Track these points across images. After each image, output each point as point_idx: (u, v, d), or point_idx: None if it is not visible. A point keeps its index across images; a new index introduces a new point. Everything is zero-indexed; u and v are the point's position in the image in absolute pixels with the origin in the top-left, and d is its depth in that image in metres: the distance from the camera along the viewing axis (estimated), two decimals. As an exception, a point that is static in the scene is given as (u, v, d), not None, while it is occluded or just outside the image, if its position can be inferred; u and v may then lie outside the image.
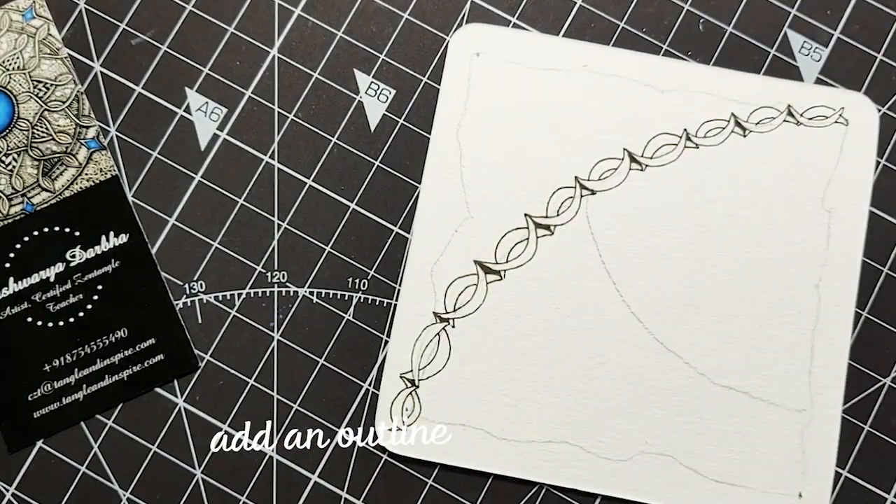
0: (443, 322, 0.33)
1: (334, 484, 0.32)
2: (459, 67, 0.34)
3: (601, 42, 0.35)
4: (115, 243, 0.33)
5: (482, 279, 0.33)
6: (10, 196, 0.33)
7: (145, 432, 0.33)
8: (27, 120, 0.34)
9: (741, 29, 0.35)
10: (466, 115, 0.34)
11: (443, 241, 0.33)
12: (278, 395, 0.33)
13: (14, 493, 0.32)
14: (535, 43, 0.35)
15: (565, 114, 0.34)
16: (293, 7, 0.35)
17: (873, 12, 0.35)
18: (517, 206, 0.34)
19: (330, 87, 0.35)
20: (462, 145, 0.34)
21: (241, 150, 0.34)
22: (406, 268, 0.33)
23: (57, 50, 0.34)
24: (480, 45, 0.34)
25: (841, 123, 0.34)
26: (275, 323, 0.33)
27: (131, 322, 0.33)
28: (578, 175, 0.34)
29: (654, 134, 0.34)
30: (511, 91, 0.34)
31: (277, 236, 0.34)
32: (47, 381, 0.33)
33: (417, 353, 0.33)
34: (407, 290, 0.33)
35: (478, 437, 0.32)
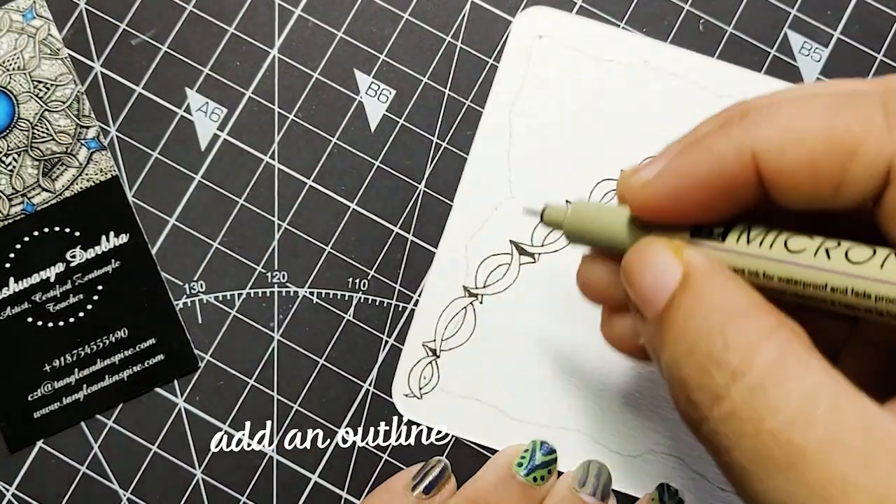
0: (471, 297, 0.33)
1: (334, 484, 0.32)
2: (521, 48, 0.34)
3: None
4: (115, 243, 0.33)
5: (515, 259, 0.33)
6: (11, 196, 0.33)
7: (145, 432, 0.33)
8: (27, 120, 0.34)
9: (741, 29, 0.35)
10: (521, 95, 0.34)
11: (481, 217, 0.34)
12: (278, 395, 0.33)
13: (14, 493, 0.32)
14: (599, 32, 0.35)
15: (619, 107, 0.34)
16: (293, 7, 0.35)
17: (873, 12, 0.35)
18: (559, 193, 0.34)
19: (330, 88, 0.35)
20: (513, 125, 0.34)
21: (241, 150, 0.34)
22: (442, 238, 0.33)
23: (57, 50, 0.34)
24: (544, 28, 0.34)
25: None
26: (275, 323, 0.33)
27: (131, 322, 0.33)
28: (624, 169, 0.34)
29: None
30: (568, 78, 0.34)
31: (277, 236, 0.34)
32: (47, 381, 0.33)
33: (443, 323, 0.33)
34: (440, 261, 0.33)
35: (491, 414, 0.33)
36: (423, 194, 0.34)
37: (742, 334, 0.21)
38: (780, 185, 0.21)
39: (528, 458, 0.30)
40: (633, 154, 0.34)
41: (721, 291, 0.22)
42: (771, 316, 0.21)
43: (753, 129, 0.21)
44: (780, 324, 0.21)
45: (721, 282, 0.22)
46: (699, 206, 0.23)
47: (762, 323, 0.21)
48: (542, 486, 0.30)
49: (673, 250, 0.23)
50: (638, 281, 0.24)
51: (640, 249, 0.24)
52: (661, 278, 0.23)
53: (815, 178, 0.21)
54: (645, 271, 0.24)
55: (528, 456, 0.31)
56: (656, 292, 0.23)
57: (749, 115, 0.22)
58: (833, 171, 0.20)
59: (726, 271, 0.23)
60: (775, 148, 0.21)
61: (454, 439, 0.33)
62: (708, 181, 0.22)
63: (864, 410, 0.19)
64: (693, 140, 0.23)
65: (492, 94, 0.34)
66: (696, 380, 0.21)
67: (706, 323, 0.22)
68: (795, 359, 0.20)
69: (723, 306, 0.22)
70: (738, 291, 0.22)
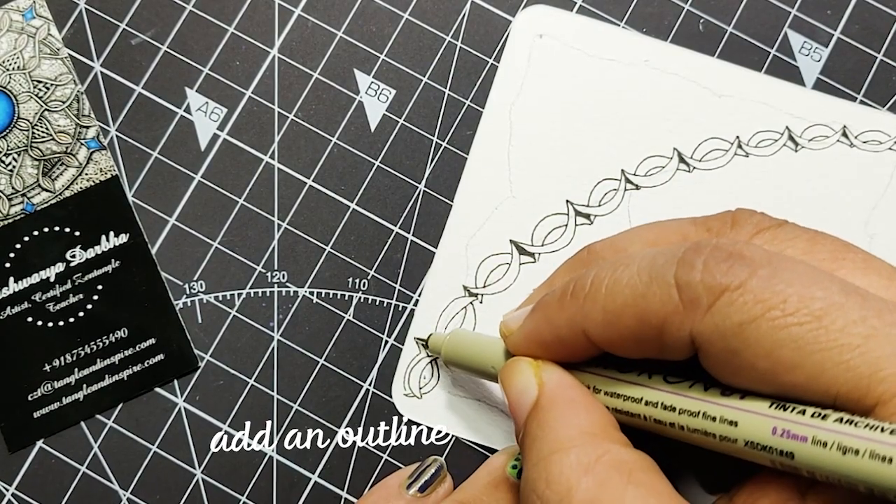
0: (471, 297, 0.33)
1: (334, 484, 0.32)
2: (521, 47, 0.34)
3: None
4: (115, 243, 0.33)
5: (516, 259, 0.33)
6: (10, 196, 0.33)
7: (145, 432, 0.33)
8: (27, 120, 0.34)
9: (741, 29, 0.35)
10: (521, 95, 0.34)
11: (482, 217, 0.34)
12: (278, 395, 0.33)
13: (14, 493, 0.32)
14: (600, 32, 0.35)
15: (620, 106, 0.34)
16: (293, 7, 0.35)
17: (873, 12, 0.35)
18: (559, 192, 0.34)
19: (330, 87, 0.35)
20: (513, 124, 0.34)
21: (241, 150, 0.34)
22: (442, 238, 0.33)
23: (57, 50, 0.34)
24: (544, 28, 0.34)
25: (895, 151, 0.34)
26: (275, 323, 0.33)
27: (131, 322, 0.33)
28: (625, 168, 0.34)
29: (706, 137, 0.34)
30: (569, 77, 0.34)
31: (277, 236, 0.34)
32: (47, 381, 0.33)
33: (443, 323, 0.33)
34: (440, 261, 0.33)
35: (491, 414, 0.33)
36: (423, 194, 0.34)
37: (563, 470, 0.23)
38: (612, 350, 0.25)
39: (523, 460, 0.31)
40: (635, 154, 0.34)
41: (558, 419, 0.25)
42: (595, 447, 0.23)
43: (581, 309, 0.25)
44: (603, 454, 0.23)
45: (561, 408, 0.25)
46: (557, 357, 0.27)
47: (582, 456, 0.23)
48: None
49: (533, 369, 0.26)
50: (508, 396, 0.27)
51: (508, 366, 0.27)
52: (522, 398, 0.26)
53: (637, 346, 0.24)
54: (510, 389, 0.27)
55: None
56: (519, 411, 0.26)
57: (577, 294, 0.25)
58: (650, 340, 0.23)
59: (573, 393, 0.25)
60: (599, 326, 0.24)
61: (454, 439, 0.33)
62: (552, 346, 0.26)
63: None
64: (539, 306, 0.27)
65: (492, 94, 0.34)
66: None
67: (539, 454, 0.24)
68: (611, 493, 0.22)
69: (554, 437, 0.24)
70: (574, 419, 0.25)
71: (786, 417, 0.21)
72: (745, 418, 0.22)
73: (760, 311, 0.21)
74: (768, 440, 0.21)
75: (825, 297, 0.21)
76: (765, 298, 0.21)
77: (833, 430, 0.20)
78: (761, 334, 0.21)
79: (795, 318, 0.21)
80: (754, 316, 0.21)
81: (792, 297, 0.21)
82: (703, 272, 0.22)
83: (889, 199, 0.34)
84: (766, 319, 0.21)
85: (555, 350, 0.26)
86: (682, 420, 0.24)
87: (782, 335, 0.21)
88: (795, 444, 0.21)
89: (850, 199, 0.34)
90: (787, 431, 0.21)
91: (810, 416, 0.21)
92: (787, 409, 0.21)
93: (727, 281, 0.22)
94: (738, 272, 0.22)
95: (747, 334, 0.21)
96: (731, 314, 0.22)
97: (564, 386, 0.26)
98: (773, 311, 0.21)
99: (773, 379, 0.21)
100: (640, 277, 0.23)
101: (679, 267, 0.23)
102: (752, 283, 0.22)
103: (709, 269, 0.22)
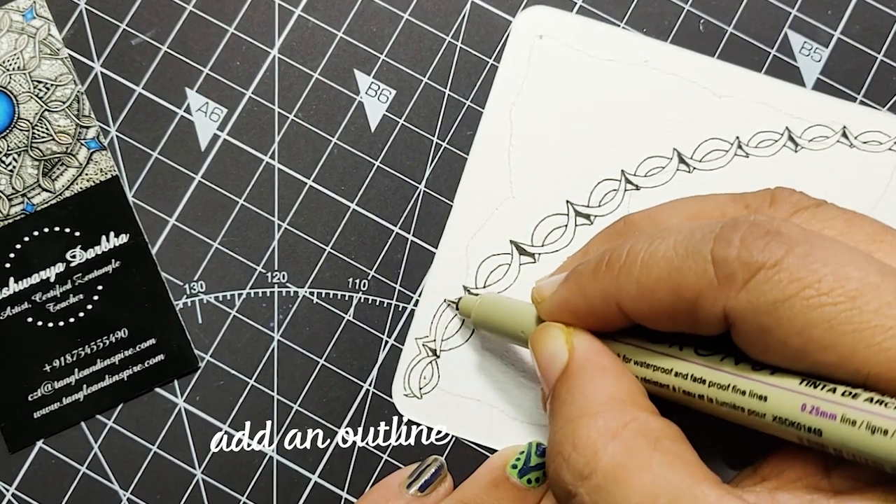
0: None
1: (334, 484, 0.32)
2: (521, 47, 0.34)
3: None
4: (115, 243, 0.33)
5: (515, 260, 0.33)
6: (11, 196, 0.33)
7: (145, 432, 0.33)
8: (27, 120, 0.34)
9: (741, 29, 0.35)
10: (521, 95, 0.34)
11: (482, 218, 0.34)
12: (278, 395, 0.33)
13: (14, 493, 0.32)
14: (600, 33, 0.35)
15: (620, 106, 0.34)
16: (293, 7, 0.35)
17: (873, 12, 0.35)
18: (560, 192, 0.34)
19: (330, 88, 0.35)
20: (513, 125, 0.34)
21: (241, 150, 0.34)
22: (442, 238, 0.33)
23: (57, 50, 0.34)
24: (544, 28, 0.34)
25: (895, 151, 0.34)
26: (275, 323, 0.33)
27: (131, 322, 0.33)
28: (625, 169, 0.34)
29: (706, 138, 0.34)
30: (569, 77, 0.34)
31: (278, 236, 0.34)
32: (48, 382, 0.33)
33: (443, 323, 0.33)
34: (440, 261, 0.33)
35: (491, 414, 0.33)
36: (423, 194, 0.34)
37: (590, 434, 0.23)
38: (645, 322, 0.25)
39: (523, 460, 0.30)
40: (635, 154, 0.34)
41: (587, 385, 0.25)
42: (623, 413, 0.24)
43: (616, 282, 0.25)
44: (631, 421, 0.23)
45: (591, 374, 0.25)
46: (588, 326, 0.27)
47: (610, 421, 0.23)
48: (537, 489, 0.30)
49: (564, 335, 0.27)
50: (537, 360, 0.27)
51: (539, 330, 0.28)
52: (552, 362, 0.26)
53: (670, 320, 0.24)
54: (540, 354, 0.27)
55: (524, 458, 0.31)
56: (549, 375, 0.26)
57: (612, 265, 0.25)
58: (683, 315, 0.24)
59: (603, 360, 0.26)
60: (633, 299, 0.24)
61: (454, 439, 0.33)
62: (584, 315, 0.26)
63: (704, 500, 0.21)
64: (573, 275, 0.27)
65: (492, 94, 0.34)
66: (553, 473, 0.24)
67: (568, 417, 0.24)
68: (637, 459, 0.22)
69: (583, 402, 0.24)
70: (604, 385, 0.25)
71: (815, 395, 0.21)
72: (775, 394, 0.22)
73: (795, 290, 0.21)
74: (797, 416, 0.22)
75: (861, 278, 0.21)
76: (800, 277, 0.21)
77: (863, 410, 0.20)
78: (795, 313, 0.21)
79: (830, 298, 0.21)
80: (789, 294, 0.21)
81: (827, 277, 0.21)
82: (740, 248, 0.22)
83: (889, 199, 0.34)
84: (801, 298, 0.21)
85: (586, 319, 0.26)
86: (711, 393, 0.24)
87: (816, 315, 0.21)
88: (824, 421, 0.21)
89: (850, 199, 0.33)
90: (817, 408, 0.21)
91: (840, 394, 0.21)
92: (817, 386, 0.22)
93: (763, 258, 0.22)
94: (774, 250, 0.22)
95: (781, 312, 0.21)
96: (766, 291, 0.22)
97: (595, 352, 0.26)
98: (808, 290, 0.21)
99: (805, 357, 0.22)
100: (677, 251, 0.23)
101: (716, 242, 0.23)
102: (788, 261, 0.22)
103: (745, 246, 0.22)
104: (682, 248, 0.23)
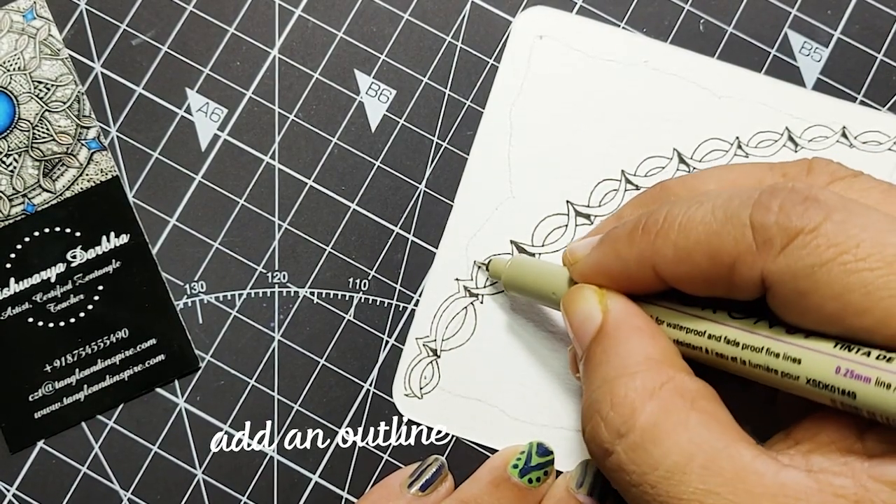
0: (472, 297, 0.33)
1: (335, 484, 0.33)
2: (521, 47, 0.34)
3: (601, 42, 0.35)
4: (115, 244, 0.33)
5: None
6: (11, 196, 0.34)
7: (146, 432, 0.33)
8: (28, 120, 0.34)
9: (741, 29, 0.35)
10: (521, 95, 0.34)
11: (482, 217, 0.34)
12: (278, 395, 0.33)
13: (15, 494, 0.32)
14: (600, 33, 0.35)
15: (620, 106, 0.34)
16: (293, 7, 0.35)
17: (873, 12, 0.35)
18: (560, 192, 0.34)
19: (330, 88, 0.35)
20: (513, 125, 0.34)
21: (241, 150, 0.34)
22: (442, 238, 0.33)
23: (58, 50, 0.34)
24: (545, 29, 0.34)
25: (894, 151, 0.34)
26: (275, 323, 0.33)
27: (132, 322, 0.33)
28: (625, 169, 0.34)
29: (706, 138, 0.34)
30: (569, 77, 0.34)
31: (278, 237, 0.34)
32: (48, 382, 0.33)
33: (443, 323, 0.33)
34: (441, 261, 0.33)
35: (491, 414, 0.33)
36: (423, 194, 0.34)
37: (628, 393, 0.24)
38: (680, 286, 0.25)
39: (524, 459, 0.31)
40: (635, 154, 0.34)
41: (623, 345, 0.25)
42: (660, 373, 0.24)
43: (652, 244, 0.25)
44: (668, 381, 0.24)
45: (626, 335, 0.25)
46: (622, 289, 0.27)
47: (648, 381, 0.24)
48: (538, 488, 0.30)
49: (598, 296, 0.27)
50: (570, 321, 0.27)
51: (572, 292, 0.28)
52: (586, 324, 0.27)
53: (706, 284, 0.24)
54: (573, 316, 0.27)
55: (524, 458, 0.31)
56: (582, 336, 0.27)
57: (649, 229, 0.25)
58: (720, 279, 0.24)
59: (638, 321, 0.26)
60: (670, 262, 0.25)
61: (454, 439, 0.33)
62: (618, 277, 0.27)
63: (740, 460, 0.22)
64: (608, 238, 0.27)
65: (492, 94, 0.34)
66: (590, 432, 0.25)
67: (604, 377, 0.25)
68: (674, 418, 0.23)
69: (619, 362, 0.25)
70: (640, 345, 0.25)
71: (850, 358, 0.22)
72: (809, 356, 0.22)
73: (833, 255, 0.22)
74: (831, 379, 0.22)
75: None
76: (838, 242, 0.22)
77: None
78: (832, 277, 0.21)
79: (867, 264, 0.21)
80: (826, 259, 0.22)
81: (865, 243, 0.21)
82: (779, 214, 0.23)
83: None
84: (838, 263, 0.21)
85: (620, 282, 0.27)
86: (745, 355, 0.24)
87: (853, 279, 0.21)
88: (858, 384, 0.21)
89: None
90: (851, 371, 0.21)
91: (875, 357, 0.21)
92: (851, 349, 0.22)
93: (802, 224, 0.22)
94: (813, 215, 0.22)
95: (818, 277, 0.22)
96: (804, 256, 0.22)
97: (629, 313, 0.26)
98: (846, 256, 0.21)
99: (841, 321, 0.22)
100: (715, 216, 0.24)
101: (755, 208, 0.23)
102: (827, 226, 0.22)
103: (784, 211, 0.22)
104: (721, 213, 0.24)
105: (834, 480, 0.21)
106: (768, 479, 0.22)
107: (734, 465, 0.22)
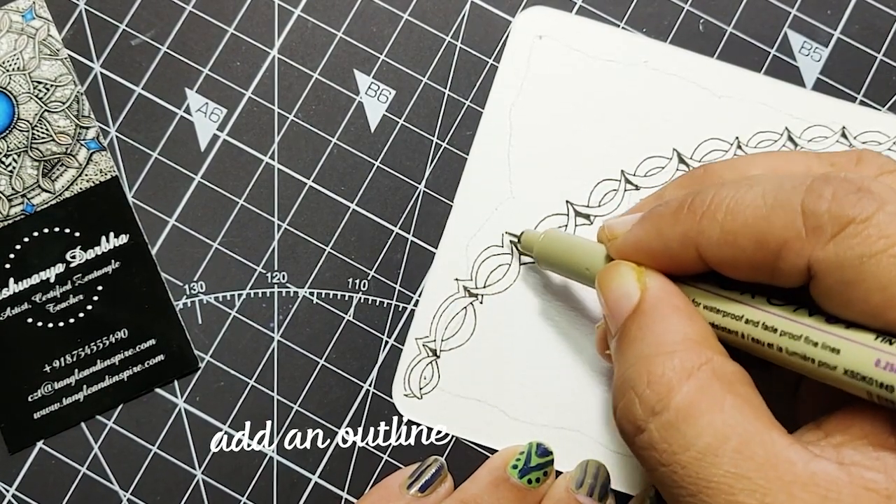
0: (472, 297, 0.33)
1: (335, 484, 0.32)
2: (520, 47, 0.34)
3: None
4: (115, 244, 0.33)
5: (516, 259, 0.33)
6: (10, 197, 0.33)
7: (145, 433, 0.33)
8: (27, 121, 0.34)
9: (741, 29, 0.35)
10: (521, 95, 0.34)
11: (482, 217, 0.34)
12: (278, 396, 0.33)
13: (14, 494, 0.32)
14: (599, 33, 0.35)
15: (619, 106, 0.34)
16: (293, 7, 0.35)
17: (873, 12, 0.35)
18: (559, 192, 0.34)
19: (330, 88, 0.35)
20: (513, 125, 0.34)
21: (241, 150, 0.34)
22: (442, 238, 0.33)
23: (57, 51, 0.34)
24: (544, 29, 0.34)
25: (894, 151, 0.34)
26: (275, 323, 0.33)
27: (131, 323, 0.33)
28: (625, 169, 0.34)
29: (705, 138, 0.34)
30: (568, 77, 0.34)
31: (277, 237, 0.34)
32: (48, 382, 0.33)
33: (443, 323, 0.33)
34: (440, 261, 0.33)
35: (491, 414, 0.33)
36: (423, 194, 0.34)
37: (665, 372, 0.24)
38: (722, 269, 0.25)
39: (524, 460, 0.30)
40: (634, 154, 0.34)
41: (661, 323, 0.25)
42: (698, 354, 0.24)
43: (698, 225, 0.25)
44: (706, 362, 0.23)
45: (665, 313, 0.25)
46: (660, 268, 0.26)
47: (686, 361, 0.24)
48: (538, 488, 0.30)
49: (636, 274, 0.26)
50: (606, 297, 0.27)
51: (609, 268, 0.27)
52: (622, 300, 0.26)
53: (750, 268, 0.24)
54: (609, 292, 0.27)
55: (524, 458, 0.31)
56: (618, 313, 0.26)
57: (695, 209, 0.25)
58: (765, 264, 0.24)
59: (676, 301, 0.26)
60: (714, 244, 0.24)
61: (454, 439, 0.33)
62: (658, 256, 0.26)
63: (772, 447, 0.22)
64: (650, 216, 0.27)
65: (492, 94, 0.34)
66: (623, 408, 0.24)
67: (640, 354, 0.24)
68: (710, 399, 0.23)
69: (656, 340, 0.24)
70: (678, 325, 0.25)
71: (891, 351, 0.22)
72: (849, 347, 0.22)
73: (883, 246, 0.21)
74: (870, 371, 0.22)
75: None
76: (889, 234, 0.22)
77: None
78: (881, 269, 0.21)
79: None
80: (876, 250, 0.21)
81: None
82: (832, 202, 0.22)
83: None
84: (888, 255, 0.21)
85: (660, 261, 0.26)
86: (782, 342, 0.24)
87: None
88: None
89: None
90: (891, 364, 0.21)
91: None
92: (893, 343, 0.22)
93: (854, 213, 0.22)
94: (865, 205, 0.22)
95: (866, 267, 0.22)
96: (854, 246, 0.22)
97: (668, 292, 0.26)
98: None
99: (884, 314, 0.22)
100: (765, 200, 0.23)
101: (808, 194, 0.23)
102: (879, 217, 0.22)
103: (837, 200, 0.22)
104: (772, 198, 0.23)
105: (865, 474, 0.21)
106: (800, 467, 0.21)
107: (767, 451, 0.22)
